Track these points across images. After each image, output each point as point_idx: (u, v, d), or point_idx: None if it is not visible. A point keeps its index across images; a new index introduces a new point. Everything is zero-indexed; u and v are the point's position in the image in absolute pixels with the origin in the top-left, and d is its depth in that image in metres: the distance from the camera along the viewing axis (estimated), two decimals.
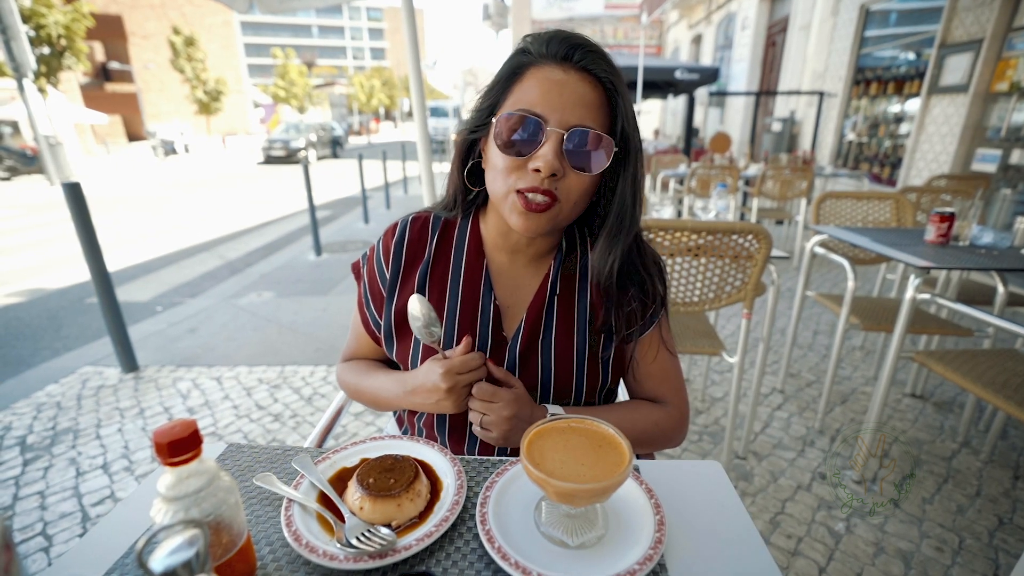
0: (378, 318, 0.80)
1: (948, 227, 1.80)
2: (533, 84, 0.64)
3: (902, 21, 5.46)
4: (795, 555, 1.46)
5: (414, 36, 2.08)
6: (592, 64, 0.63)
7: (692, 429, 2.07)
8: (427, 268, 0.77)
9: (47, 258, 5.21)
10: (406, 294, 0.76)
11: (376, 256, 0.80)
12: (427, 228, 0.78)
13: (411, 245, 0.78)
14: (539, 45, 0.65)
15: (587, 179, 0.65)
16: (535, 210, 0.64)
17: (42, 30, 15.39)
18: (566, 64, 0.63)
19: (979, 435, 2.02)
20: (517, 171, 0.65)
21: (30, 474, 1.86)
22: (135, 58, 30.95)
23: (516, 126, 0.63)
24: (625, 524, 0.55)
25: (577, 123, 0.62)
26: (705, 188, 4.26)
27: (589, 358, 0.74)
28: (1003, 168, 4.00)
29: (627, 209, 0.69)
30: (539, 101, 0.63)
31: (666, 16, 14.03)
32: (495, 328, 0.74)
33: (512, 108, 0.64)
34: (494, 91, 0.68)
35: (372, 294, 0.81)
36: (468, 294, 0.75)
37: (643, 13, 7.27)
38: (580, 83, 0.63)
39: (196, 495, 0.43)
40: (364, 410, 2.26)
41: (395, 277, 0.78)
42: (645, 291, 0.75)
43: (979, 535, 1.52)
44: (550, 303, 0.75)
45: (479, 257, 0.77)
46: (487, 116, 0.68)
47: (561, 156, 0.63)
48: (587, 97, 0.63)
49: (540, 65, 0.64)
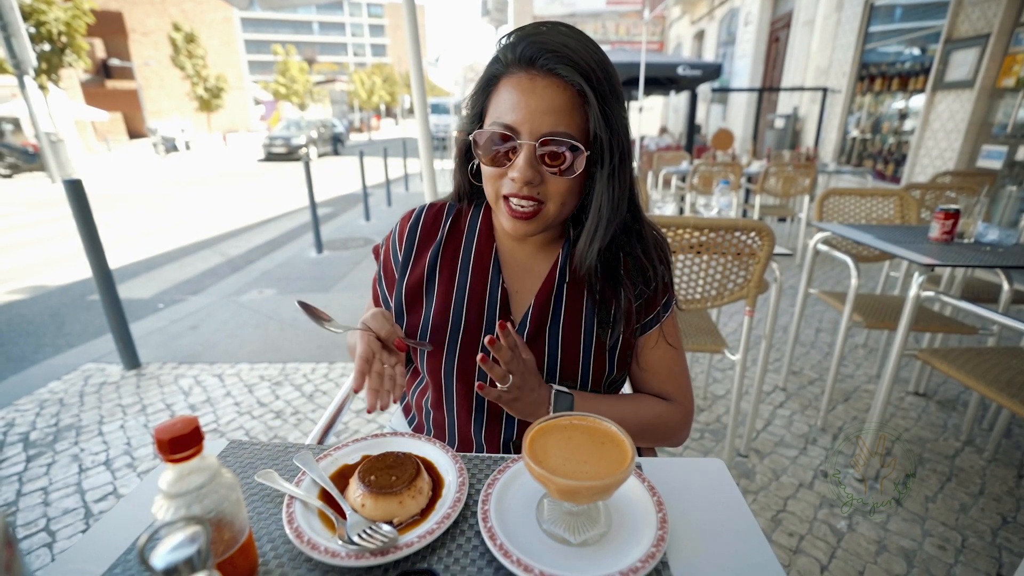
0: (388, 298, 0.83)
1: (953, 224, 1.79)
2: (504, 95, 0.65)
3: (907, 16, 5.42)
4: (797, 553, 1.45)
5: (415, 32, 2.07)
6: (558, 66, 0.62)
7: (694, 427, 2.07)
8: (439, 249, 0.79)
9: (49, 255, 5.22)
10: (417, 272, 0.79)
11: (392, 239, 0.83)
12: (442, 213, 0.81)
13: (425, 228, 0.81)
14: (507, 51, 0.65)
15: (566, 181, 0.66)
16: (521, 217, 0.67)
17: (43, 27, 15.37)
18: (532, 70, 0.63)
19: (983, 433, 2.01)
20: (501, 178, 0.67)
21: (33, 470, 1.87)
22: (136, 55, 30.92)
23: (491, 140, 0.66)
24: (627, 522, 0.54)
25: (548, 131, 0.63)
26: (708, 185, 4.25)
27: (596, 347, 0.75)
28: (1009, 164, 3.98)
29: (602, 210, 0.69)
30: (510, 112, 0.64)
31: (668, 12, 13.97)
32: (503, 312, 0.76)
33: (489, 120, 0.67)
34: (476, 99, 0.70)
35: (385, 274, 0.84)
36: (477, 277, 0.77)
37: (645, 9, 7.24)
38: (547, 88, 0.63)
39: (198, 492, 0.43)
40: (366, 407, 2.26)
41: (407, 258, 0.80)
42: (648, 280, 0.75)
43: (982, 534, 1.52)
44: (559, 291, 0.76)
45: (489, 242, 0.79)
46: (476, 122, 0.71)
47: (536, 165, 0.64)
48: (556, 102, 0.63)
49: (509, 74, 0.65)
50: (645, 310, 0.77)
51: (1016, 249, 1.72)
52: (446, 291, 0.77)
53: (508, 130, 0.64)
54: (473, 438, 0.77)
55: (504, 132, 0.64)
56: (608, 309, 0.75)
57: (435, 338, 0.76)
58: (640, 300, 0.75)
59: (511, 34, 0.67)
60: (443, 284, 0.77)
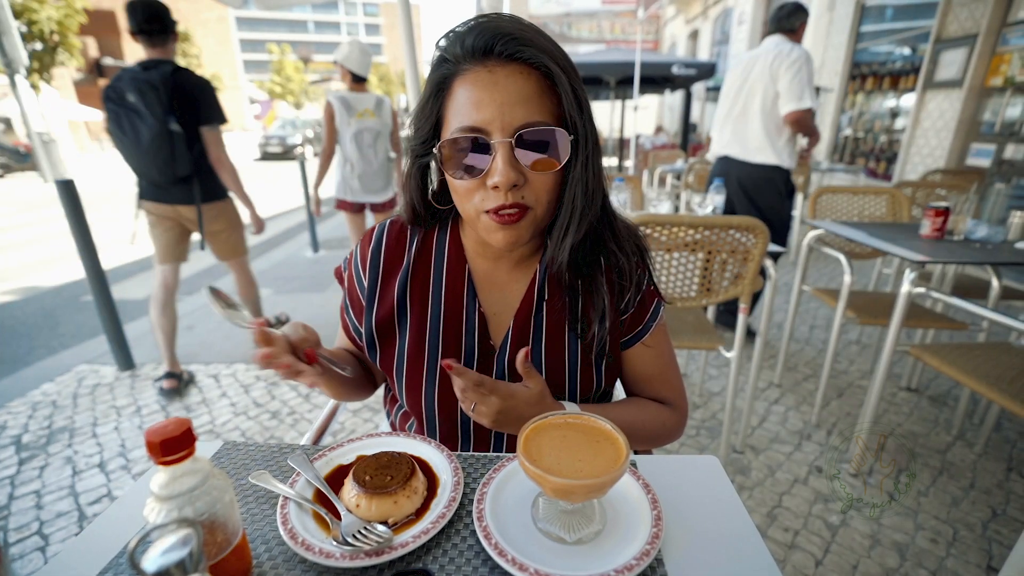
0: (358, 325, 0.77)
1: (943, 221, 1.81)
2: (463, 96, 0.58)
3: (898, 16, 5.47)
4: (792, 548, 1.47)
5: (410, 32, 2.06)
6: (517, 50, 0.56)
7: (690, 423, 2.08)
8: (407, 276, 0.73)
9: (42, 256, 5.18)
10: (386, 303, 0.73)
11: (354, 263, 0.76)
12: (405, 234, 0.75)
13: (388, 252, 0.74)
14: (455, 46, 0.59)
15: (551, 176, 0.61)
16: (510, 221, 0.60)
17: (34, 25, 15.23)
18: (489, 61, 0.57)
19: (973, 428, 2.03)
20: (479, 191, 0.60)
21: (26, 473, 1.85)
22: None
23: (460, 148, 0.59)
24: (622, 519, 0.55)
25: (521, 123, 0.57)
26: (702, 183, 4.26)
27: (582, 362, 0.72)
28: (997, 163, 4.02)
29: (577, 199, 0.63)
30: (474, 113, 0.57)
31: (663, 11, 14.00)
32: (481, 337, 0.71)
33: (450, 128, 0.60)
34: (427, 110, 0.62)
35: (352, 301, 0.77)
36: (451, 303, 0.72)
37: (640, 8, 7.23)
38: (511, 77, 0.57)
39: (190, 494, 0.43)
40: (362, 407, 2.25)
41: (373, 286, 0.74)
42: (622, 272, 0.70)
43: (973, 526, 1.54)
44: (538, 308, 0.71)
45: (460, 264, 0.73)
46: (431, 139, 0.63)
47: (516, 164, 0.58)
48: (524, 90, 0.57)
49: (463, 72, 0.58)
50: (633, 320, 0.73)
51: (1004, 245, 1.74)
52: (419, 322, 0.72)
53: (476, 132, 0.57)
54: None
55: (472, 135, 0.57)
56: (586, 314, 0.70)
57: (412, 372, 0.72)
58: (624, 303, 0.71)
59: (449, 32, 0.60)
60: (415, 314, 0.72)
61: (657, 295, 0.76)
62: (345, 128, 2.81)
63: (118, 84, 2.00)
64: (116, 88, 1.99)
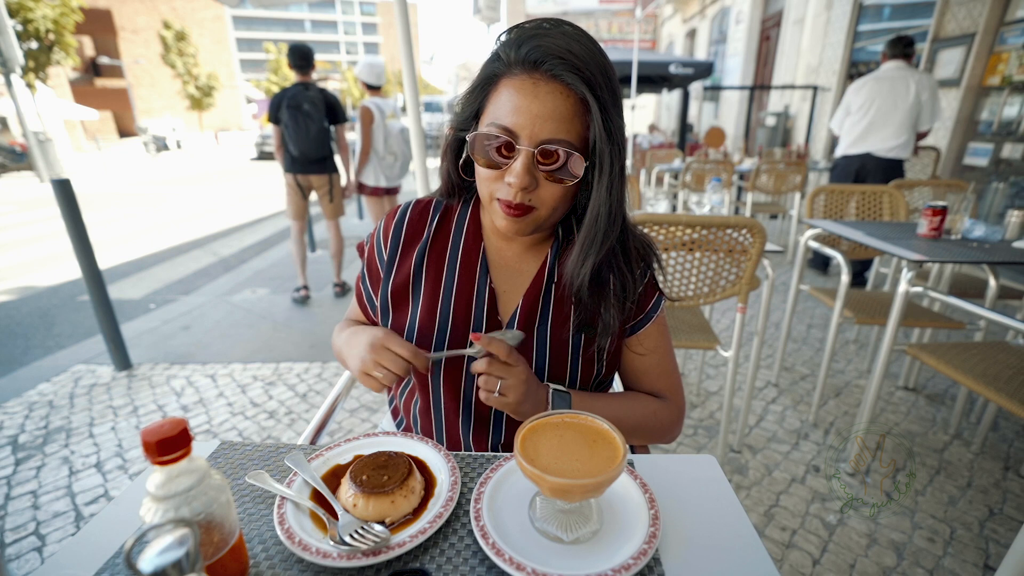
0: (373, 296, 0.82)
1: (940, 221, 1.81)
2: (505, 97, 0.63)
3: (895, 15, 5.48)
4: (789, 547, 1.47)
5: (407, 31, 2.06)
6: (563, 73, 0.60)
7: (687, 423, 2.08)
8: (425, 247, 0.78)
9: (38, 255, 5.15)
10: (403, 271, 0.78)
11: (377, 237, 0.81)
12: (428, 210, 0.80)
13: (411, 226, 0.79)
14: (509, 50, 0.63)
15: (561, 188, 0.65)
16: (515, 215, 0.66)
17: (30, 24, 15.16)
18: (536, 72, 0.61)
19: (970, 427, 2.04)
20: (497, 180, 0.66)
21: (22, 473, 1.84)
22: (125, 53, 30.56)
23: (489, 142, 0.64)
24: (620, 519, 0.55)
25: (548, 138, 0.61)
26: (700, 182, 4.27)
27: (584, 349, 0.74)
28: (995, 162, 4.03)
29: (600, 222, 0.67)
30: (510, 116, 0.62)
31: (660, 10, 14.00)
32: (490, 312, 0.75)
33: (487, 119, 0.65)
34: (473, 97, 0.68)
35: (370, 272, 0.82)
36: (464, 276, 0.76)
37: (637, 7, 7.22)
38: (550, 94, 0.61)
39: (186, 494, 0.43)
40: (359, 406, 2.25)
41: (393, 255, 0.79)
42: (626, 290, 0.73)
43: (970, 525, 1.54)
44: (547, 291, 0.75)
45: (477, 240, 0.77)
46: (472, 119, 0.69)
47: (533, 170, 0.63)
48: (559, 109, 0.61)
49: (511, 75, 0.63)
50: (635, 310, 0.76)
51: (1002, 245, 1.75)
52: (432, 291, 0.76)
53: (507, 133, 0.62)
54: (461, 441, 0.77)
55: (503, 135, 0.62)
56: (593, 323, 0.73)
57: (422, 340, 0.74)
58: (626, 313, 0.74)
59: (512, 31, 0.65)
60: (429, 284, 0.76)
61: (658, 289, 0.79)
62: (379, 128, 3.47)
63: (295, 98, 3.08)
64: (295, 100, 3.08)
